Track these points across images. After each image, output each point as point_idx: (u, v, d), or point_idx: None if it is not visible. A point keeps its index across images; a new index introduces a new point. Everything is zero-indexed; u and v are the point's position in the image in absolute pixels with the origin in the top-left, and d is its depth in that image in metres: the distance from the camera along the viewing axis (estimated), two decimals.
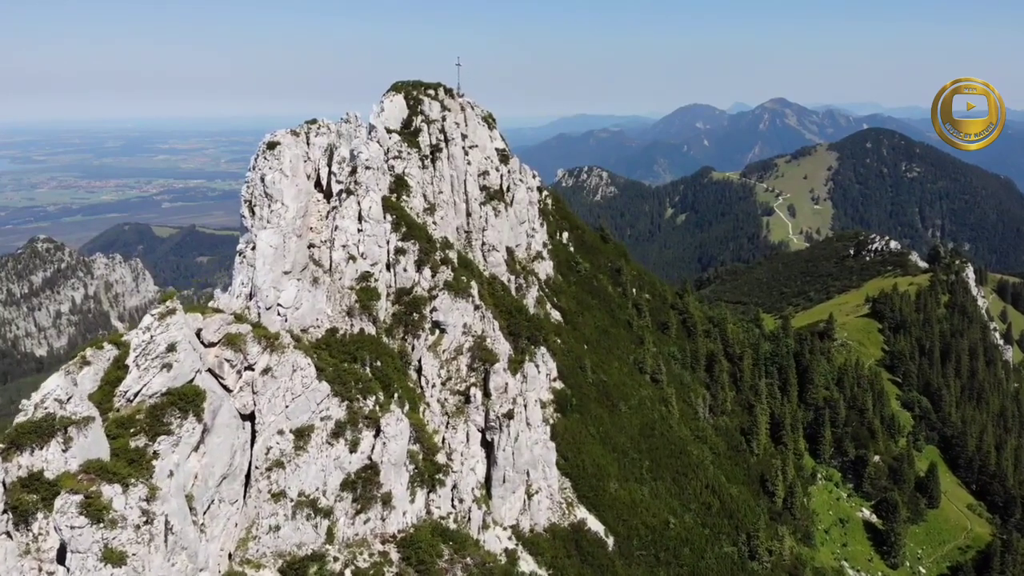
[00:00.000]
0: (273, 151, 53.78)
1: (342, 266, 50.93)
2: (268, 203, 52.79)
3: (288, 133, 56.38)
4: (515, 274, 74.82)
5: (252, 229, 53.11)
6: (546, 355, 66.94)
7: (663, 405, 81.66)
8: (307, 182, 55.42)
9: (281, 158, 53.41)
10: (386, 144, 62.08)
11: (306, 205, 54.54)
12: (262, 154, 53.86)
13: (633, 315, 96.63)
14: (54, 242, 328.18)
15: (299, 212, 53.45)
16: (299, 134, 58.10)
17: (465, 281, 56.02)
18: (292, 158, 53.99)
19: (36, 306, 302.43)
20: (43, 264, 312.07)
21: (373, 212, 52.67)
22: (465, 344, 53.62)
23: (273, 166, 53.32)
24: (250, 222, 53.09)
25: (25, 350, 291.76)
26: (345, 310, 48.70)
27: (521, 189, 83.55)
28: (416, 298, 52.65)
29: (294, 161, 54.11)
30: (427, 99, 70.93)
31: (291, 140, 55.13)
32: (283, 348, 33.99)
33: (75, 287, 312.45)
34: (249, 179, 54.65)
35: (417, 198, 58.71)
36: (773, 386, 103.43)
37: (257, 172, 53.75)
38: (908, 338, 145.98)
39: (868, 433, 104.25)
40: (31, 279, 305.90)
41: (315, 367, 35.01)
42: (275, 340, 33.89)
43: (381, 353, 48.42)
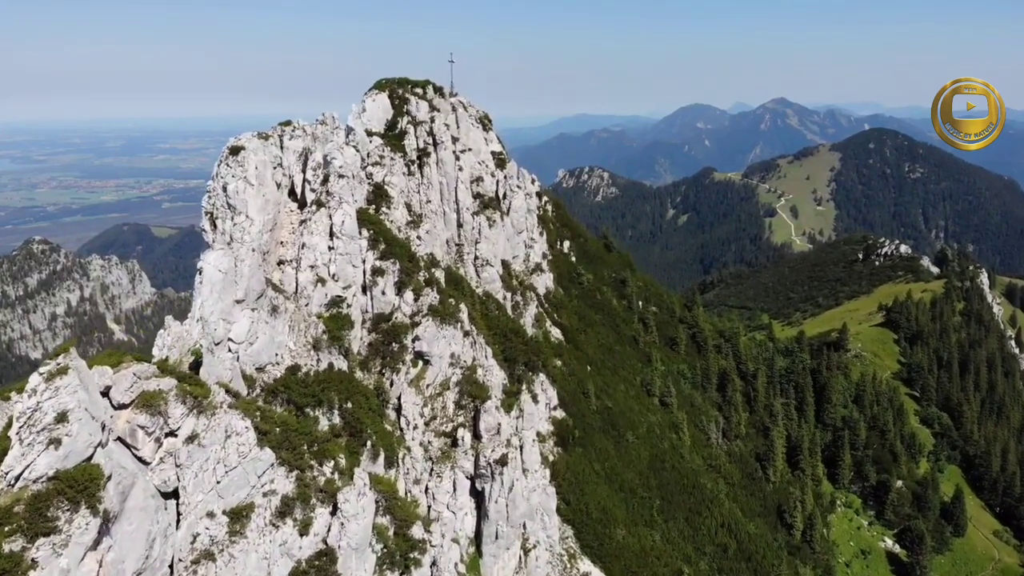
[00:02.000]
0: (236, 157, 47.07)
1: (309, 290, 44.13)
2: (231, 215, 46.14)
3: (255, 136, 49.66)
4: (511, 290, 68.00)
5: (214, 245, 46.56)
6: (545, 383, 60.16)
7: (673, 432, 74.89)
8: (277, 192, 48.64)
9: (245, 165, 46.67)
10: (366, 148, 55.26)
11: (275, 217, 47.82)
12: (224, 160, 47.19)
13: (639, 330, 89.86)
14: (49, 243, 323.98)
15: (266, 225, 46.73)
16: (268, 137, 51.46)
17: (453, 304, 49.21)
18: (259, 164, 47.25)
19: (31, 308, 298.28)
20: (38, 266, 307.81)
21: (346, 227, 45.89)
22: (452, 377, 46.81)
23: (236, 174, 46.59)
24: (211, 236, 46.38)
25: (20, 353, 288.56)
26: (311, 342, 41.87)
27: (519, 196, 76.79)
28: (396, 325, 45.84)
29: (261, 168, 47.36)
30: (414, 98, 64.10)
31: (257, 144, 48.35)
32: (214, 408, 27.22)
33: (70, 289, 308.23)
34: (210, 188, 48.01)
35: (399, 210, 51.87)
36: (789, 406, 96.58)
37: (219, 180, 47.12)
38: (925, 349, 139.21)
39: (890, 456, 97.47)
40: (26, 281, 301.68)
41: (256, 429, 28.27)
42: (204, 398, 27.15)
43: (352, 392, 41.60)
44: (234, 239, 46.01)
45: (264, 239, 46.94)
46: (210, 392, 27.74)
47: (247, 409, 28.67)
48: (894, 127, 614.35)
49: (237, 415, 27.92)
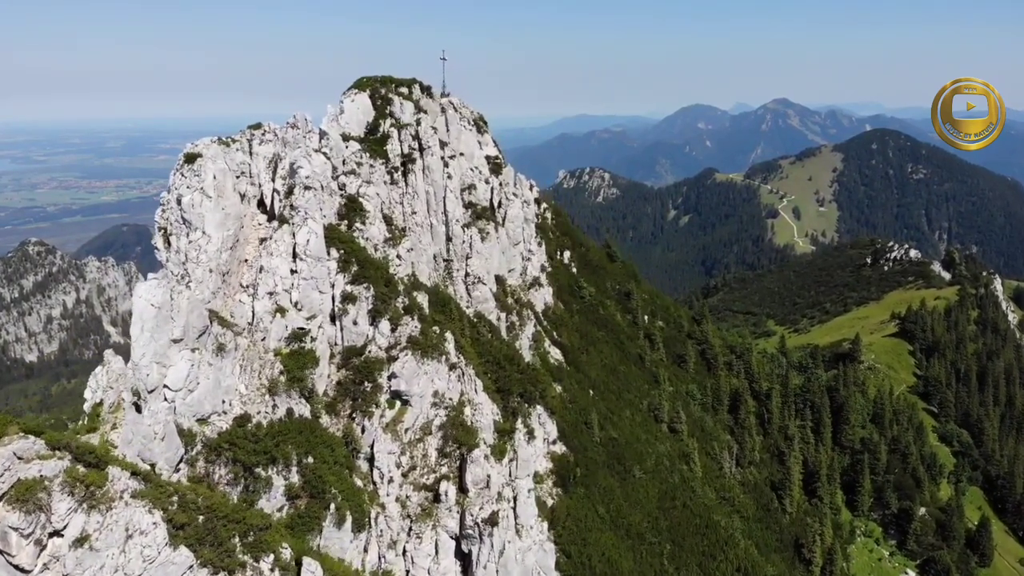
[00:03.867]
0: (192, 165, 41.03)
1: (266, 322, 37.85)
2: (186, 231, 40.03)
3: (214, 142, 43.53)
4: (506, 310, 61.70)
5: (167, 265, 40.38)
6: (543, 415, 53.87)
7: (684, 462, 68.63)
8: (240, 204, 42.46)
9: (202, 174, 40.60)
10: (341, 155, 48.95)
11: (237, 233, 41.63)
12: (179, 169, 41.18)
13: (645, 347, 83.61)
14: (45, 245, 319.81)
15: (226, 243, 40.58)
16: (235, 142, 45.31)
17: (438, 333, 42.94)
18: (217, 174, 41.14)
19: (26, 311, 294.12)
20: (34, 268, 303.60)
21: (312, 247, 39.63)
22: (435, 420, 40.51)
23: (192, 184, 40.58)
24: (164, 256, 40.31)
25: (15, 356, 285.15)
26: (266, 385, 35.60)
27: (515, 204, 70.55)
28: (369, 361, 39.56)
29: (220, 177, 41.23)
30: (398, 99, 57.76)
31: (216, 151, 42.21)
32: (110, 500, 21.00)
33: (66, 291, 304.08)
34: (164, 200, 41.93)
35: (375, 225, 45.55)
36: (805, 428, 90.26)
37: (173, 192, 41.12)
38: (942, 361, 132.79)
39: (912, 481, 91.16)
40: (21, 283, 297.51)
41: (170, 523, 22.05)
42: (99, 487, 20.92)
43: (315, 444, 35.36)
44: (189, 258, 39.99)
45: (223, 258, 40.78)
46: (107, 479, 21.37)
47: (157, 497, 22.31)
48: (896, 127, 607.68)
49: (142, 507, 21.59)
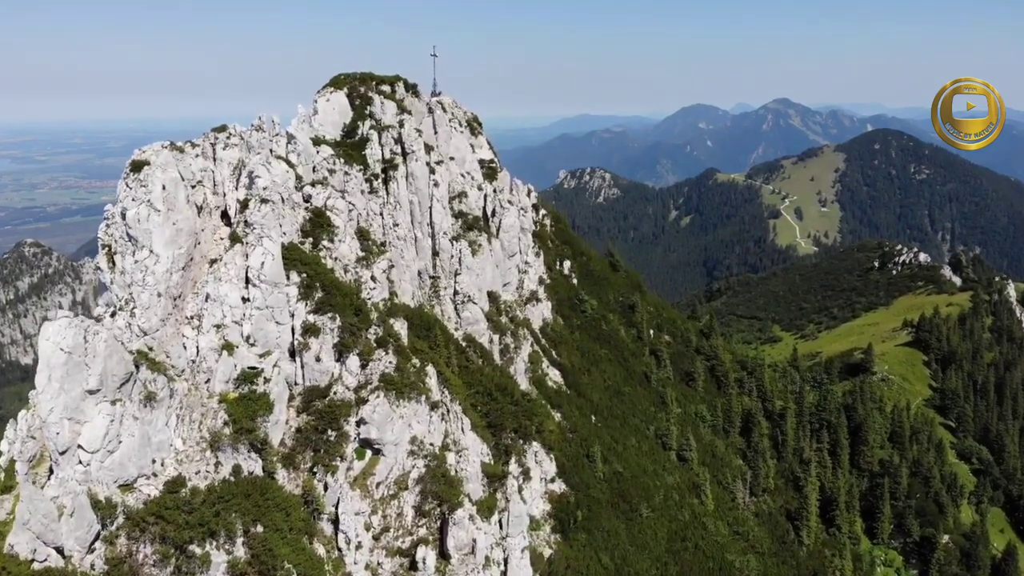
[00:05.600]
0: (139, 175, 35.44)
1: (210, 360, 32.12)
2: (132, 250, 34.43)
3: (165, 147, 37.96)
4: (500, 331, 55.93)
5: (112, 288, 34.77)
6: (540, 452, 48.15)
7: (694, 495, 62.91)
8: (196, 217, 36.83)
9: (149, 185, 35.04)
10: (311, 161, 43.21)
11: (190, 251, 35.96)
12: (125, 179, 35.65)
13: (651, 365, 77.88)
14: (41, 246, 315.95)
15: (177, 262, 34.93)
16: (191, 147, 39.76)
17: (417, 368, 37.18)
18: (168, 183, 35.55)
19: (22, 313, 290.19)
20: (30, 269, 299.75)
21: (268, 270, 33.88)
22: (412, 472, 34.74)
23: (138, 196, 35.01)
24: (108, 277, 34.70)
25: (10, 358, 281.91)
26: (207, 440, 29.88)
27: (511, 213, 64.81)
28: (334, 404, 33.81)
29: (171, 188, 35.62)
30: (379, 98, 51.98)
31: (167, 158, 36.57)
32: None
33: (63, 293, 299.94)
34: (108, 214, 36.40)
35: (346, 242, 39.76)
36: (822, 451, 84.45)
37: (118, 205, 35.65)
38: (959, 373, 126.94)
39: (935, 507, 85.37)
40: (17, 285, 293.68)
41: None
42: None
43: (266, 508, 29.64)
44: (134, 281, 34.35)
45: (174, 280, 35.06)
46: None
47: None
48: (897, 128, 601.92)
49: None
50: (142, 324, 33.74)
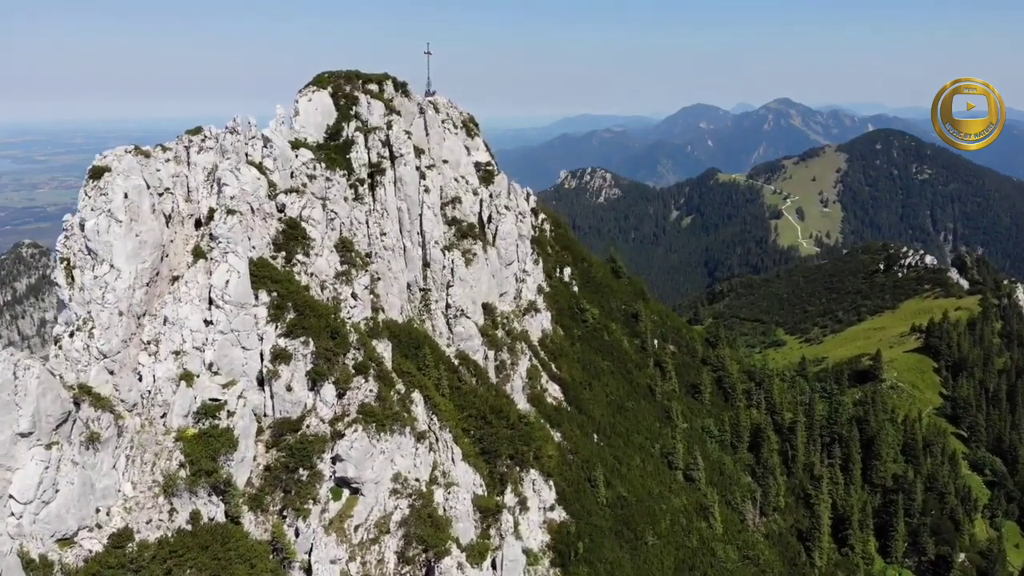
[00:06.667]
0: (98, 182, 32.16)
1: (166, 392, 28.68)
2: (92, 264, 31.14)
3: (129, 152, 34.68)
4: (496, 346, 52.46)
5: (70, 305, 31.44)
6: (537, 479, 44.69)
7: (702, 518, 59.45)
8: (163, 228, 33.50)
9: (110, 193, 31.78)
10: (289, 166, 39.73)
11: (155, 265, 32.57)
12: (85, 187, 32.42)
13: (656, 377, 74.46)
14: (39, 247, 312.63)
15: (140, 277, 31.56)
16: (162, 151, 36.47)
17: (402, 395, 33.74)
18: (131, 191, 32.34)
19: (19, 314, 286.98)
20: (27, 270, 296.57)
21: (233, 289, 30.43)
22: (395, 513, 31.30)
23: (97, 206, 31.74)
24: (67, 294, 31.43)
25: None
26: (159, 484, 26.44)
27: (508, 219, 61.31)
28: (307, 439, 30.36)
29: (134, 196, 32.37)
30: (365, 97, 48.51)
31: (131, 164, 33.31)
32: None
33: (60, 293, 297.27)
34: (67, 225, 33.20)
35: (323, 256, 36.27)
36: (834, 467, 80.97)
37: (77, 215, 32.49)
38: (971, 381, 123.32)
39: (951, 524, 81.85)
40: (14, 286, 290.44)
41: None
42: None
43: (228, 560, 26.17)
44: (93, 299, 31.01)
45: (137, 297, 31.68)
46: None
47: None
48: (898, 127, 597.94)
49: None
50: (101, 346, 30.43)
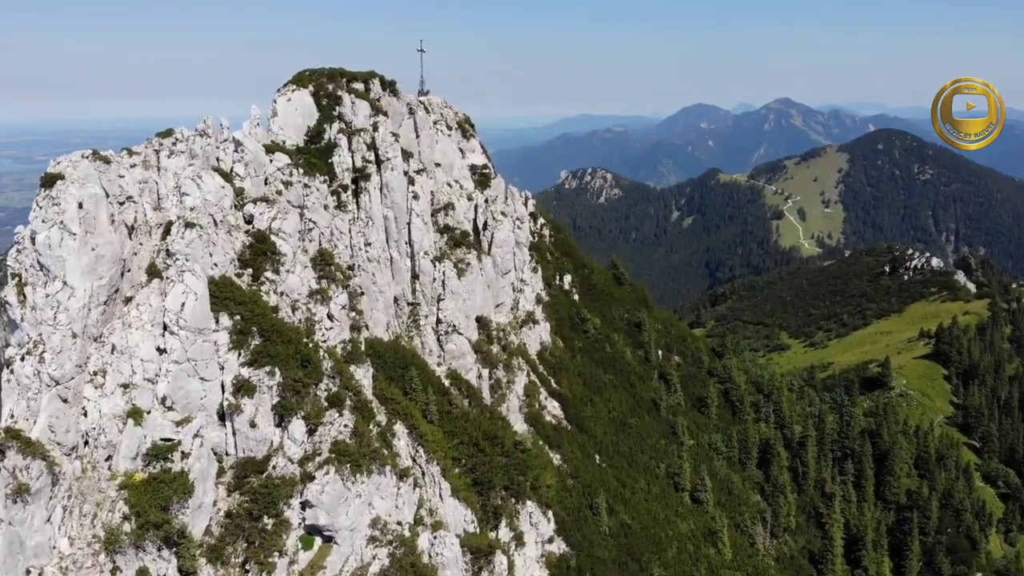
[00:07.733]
0: (51, 191, 28.85)
1: (111, 432, 25.28)
2: (44, 280, 27.86)
3: (86, 157, 31.31)
4: (490, 364, 49.04)
5: (22, 325, 28.15)
6: (535, 512, 41.30)
7: (710, 544, 56.06)
8: (124, 241, 30.23)
9: (62, 203, 28.45)
10: (262, 172, 36.31)
11: (114, 282, 29.18)
12: (37, 197, 29.20)
13: (660, 390, 71.04)
14: None
15: (97, 295, 28.20)
16: (115, 159, 33.04)
17: (382, 427, 30.32)
18: (86, 200, 29.06)
19: None
20: None
21: (190, 313, 26.99)
22: (373, 564, 27.89)
23: (49, 217, 28.43)
24: (18, 313, 28.16)
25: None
26: (99, 539, 23.03)
27: (505, 225, 57.87)
28: (273, 482, 26.94)
29: (90, 206, 29.09)
30: (349, 97, 45.06)
31: (88, 170, 29.99)
32: None
33: None
34: (18, 238, 29.96)
35: (296, 272, 32.86)
36: (846, 484, 77.56)
37: (28, 228, 29.21)
38: (983, 389, 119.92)
39: (967, 543, 78.45)
40: None
41: None
42: None
43: None
44: (44, 319, 27.67)
45: (93, 317, 28.30)
46: None
47: None
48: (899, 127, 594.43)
49: None
50: (52, 371, 27.11)
